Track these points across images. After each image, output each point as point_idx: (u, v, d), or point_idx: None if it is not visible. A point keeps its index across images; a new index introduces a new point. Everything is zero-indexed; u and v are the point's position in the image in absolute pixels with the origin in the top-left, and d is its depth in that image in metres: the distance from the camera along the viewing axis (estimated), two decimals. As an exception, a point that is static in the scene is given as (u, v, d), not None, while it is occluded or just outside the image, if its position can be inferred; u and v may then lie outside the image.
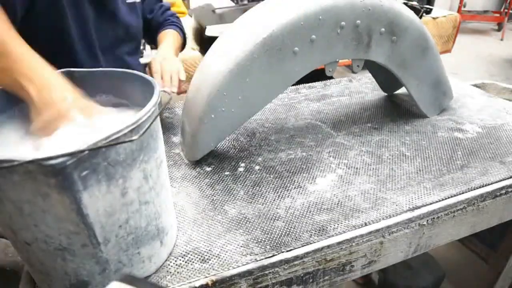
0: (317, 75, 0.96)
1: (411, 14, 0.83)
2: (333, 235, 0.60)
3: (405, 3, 2.93)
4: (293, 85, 0.80)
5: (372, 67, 1.04)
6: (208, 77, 0.73)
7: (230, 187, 0.72)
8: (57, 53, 0.69)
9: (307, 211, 0.65)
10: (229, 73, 0.70)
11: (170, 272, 0.54)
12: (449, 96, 0.99)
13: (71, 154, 0.35)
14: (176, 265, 0.55)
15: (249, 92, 0.74)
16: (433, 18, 2.84)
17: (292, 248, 0.58)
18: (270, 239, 0.59)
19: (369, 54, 0.82)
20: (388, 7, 0.79)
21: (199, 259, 0.56)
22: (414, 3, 3.01)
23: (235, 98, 0.73)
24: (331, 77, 0.85)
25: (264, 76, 0.73)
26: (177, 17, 1.12)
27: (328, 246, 0.59)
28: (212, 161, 0.80)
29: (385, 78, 1.07)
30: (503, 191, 0.73)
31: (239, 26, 0.76)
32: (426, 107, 0.96)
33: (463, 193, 0.70)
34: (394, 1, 0.80)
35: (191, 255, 0.57)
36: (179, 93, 0.88)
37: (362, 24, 0.77)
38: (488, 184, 0.73)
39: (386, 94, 1.12)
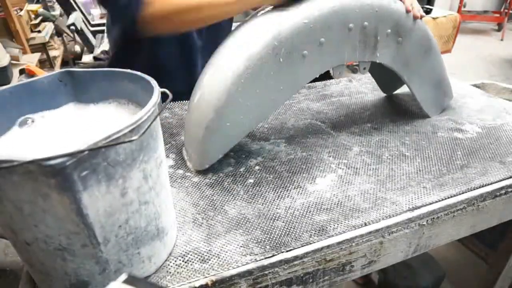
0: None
1: None
2: (333, 235, 0.60)
3: (405, 3, 2.93)
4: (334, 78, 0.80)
5: (372, 67, 1.03)
6: (216, 83, 0.71)
7: (230, 187, 0.72)
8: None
9: (307, 211, 0.65)
10: (238, 79, 0.69)
11: (170, 272, 0.54)
12: (449, 96, 1.00)
13: (71, 154, 0.35)
14: (176, 265, 0.55)
15: (258, 98, 0.72)
16: (433, 18, 2.84)
17: (292, 248, 0.58)
18: (270, 239, 0.59)
19: (376, 55, 0.82)
20: (394, 8, 0.79)
21: (199, 259, 0.56)
22: (414, 3, 2.99)
23: (244, 105, 0.72)
24: (330, 77, 0.85)
25: (273, 81, 0.72)
26: None
27: (328, 246, 0.59)
28: (212, 161, 0.80)
29: (385, 78, 1.07)
30: (503, 191, 0.73)
31: (247, 30, 0.75)
32: (428, 107, 0.96)
33: (463, 193, 0.70)
34: (399, 2, 0.80)
35: (191, 255, 0.57)
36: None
37: (369, 25, 0.77)
38: (488, 184, 0.73)
39: (386, 94, 1.12)
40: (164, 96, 0.49)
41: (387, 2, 0.78)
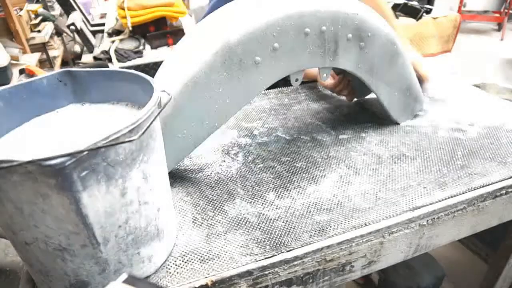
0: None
1: (378, 18, 0.80)
2: (333, 235, 0.60)
3: (405, 3, 2.93)
4: (292, 85, 0.78)
5: (341, 72, 0.98)
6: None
7: (230, 187, 0.72)
8: None
9: (307, 211, 0.65)
10: (185, 88, 0.65)
11: (170, 273, 0.54)
12: (420, 101, 0.96)
13: (70, 155, 0.35)
14: (176, 265, 0.55)
15: (209, 107, 0.69)
16: (433, 18, 2.85)
17: (292, 248, 0.58)
18: (270, 239, 0.59)
19: (337, 61, 0.78)
20: (354, 12, 0.75)
21: (199, 259, 0.56)
22: (415, 3, 3.01)
23: (194, 116, 0.68)
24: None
25: (224, 90, 0.69)
26: None
27: (328, 247, 0.59)
28: (211, 162, 0.80)
29: (354, 83, 1.02)
30: (503, 192, 0.73)
31: (196, 35, 0.70)
32: (397, 114, 0.93)
33: (463, 193, 0.70)
34: (360, 5, 0.77)
35: (191, 255, 0.57)
36: None
37: (327, 30, 0.73)
38: (488, 185, 0.72)
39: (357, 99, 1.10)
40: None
41: (347, 5, 0.74)
